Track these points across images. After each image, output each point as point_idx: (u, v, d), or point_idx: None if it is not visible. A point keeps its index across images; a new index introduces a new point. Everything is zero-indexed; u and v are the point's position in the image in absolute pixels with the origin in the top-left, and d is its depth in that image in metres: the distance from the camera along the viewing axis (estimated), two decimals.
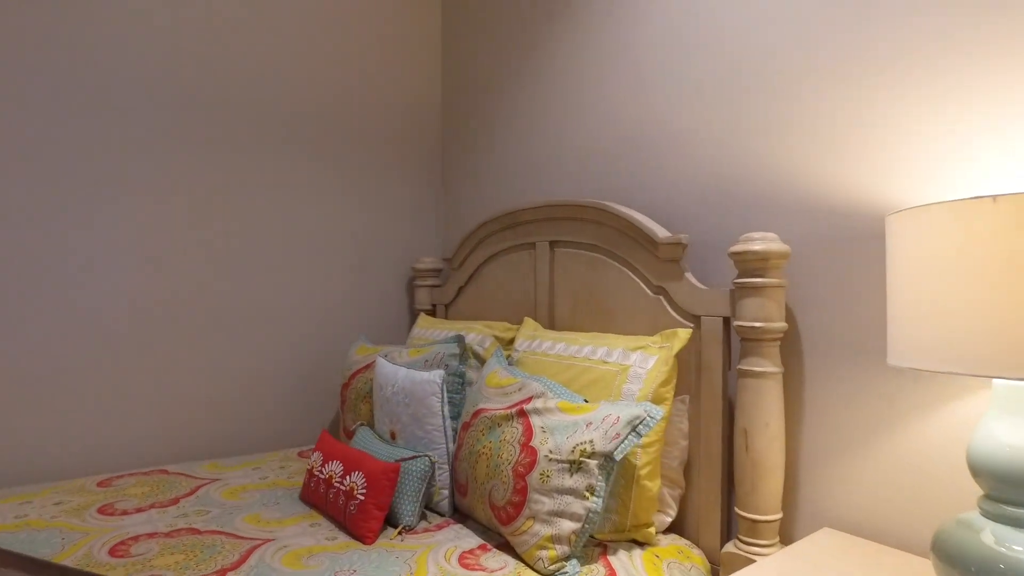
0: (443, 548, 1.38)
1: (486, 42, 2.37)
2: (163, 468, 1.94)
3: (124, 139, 2.01)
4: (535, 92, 2.14)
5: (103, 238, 1.98)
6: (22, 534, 1.48)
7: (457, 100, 2.54)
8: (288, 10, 2.29)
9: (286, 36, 2.29)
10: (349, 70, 2.42)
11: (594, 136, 1.93)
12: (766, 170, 1.49)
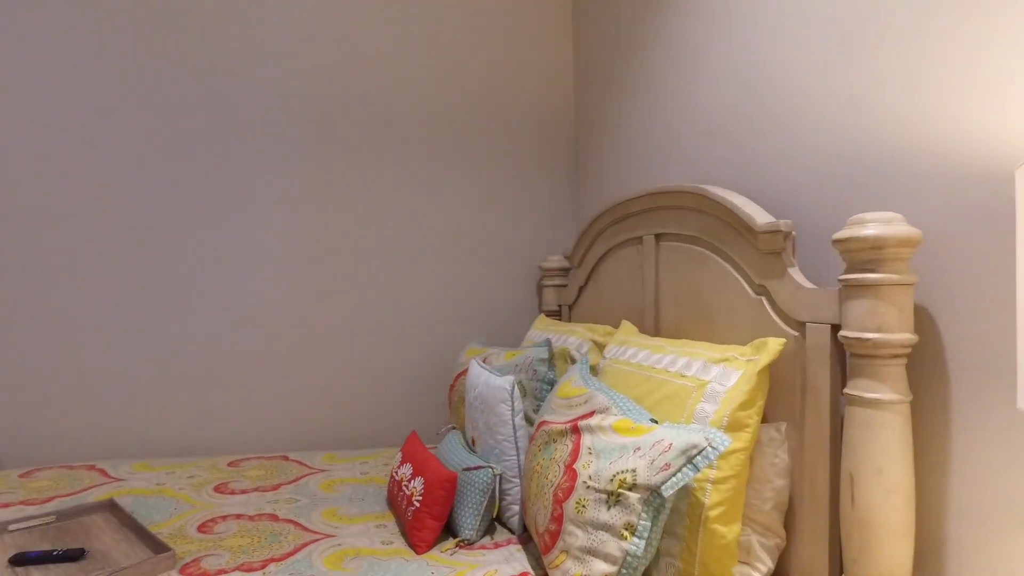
0: (486, 570, 1.25)
1: (617, 28, 2.17)
2: (285, 455, 2.07)
3: (268, 153, 2.19)
4: (664, 72, 1.90)
5: (246, 246, 2.18)
6: (152, 499, 1.66)
7: (590, 91, 2.37)
8: (417, 17, 2.32)
9: (416, 43, 2.32)
10: (479, 71, 2.39)
11: (717, 107, 1.64)
12: (909, 134, 1.12)
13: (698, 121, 1.72)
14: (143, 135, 2.11)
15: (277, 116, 2.21)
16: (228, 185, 2.17)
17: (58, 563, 1.30)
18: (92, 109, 2.07)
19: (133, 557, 1.32)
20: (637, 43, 2.02)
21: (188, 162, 2.14)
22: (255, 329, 2.20)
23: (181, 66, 2.14)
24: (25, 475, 1.87)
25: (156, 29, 2.12)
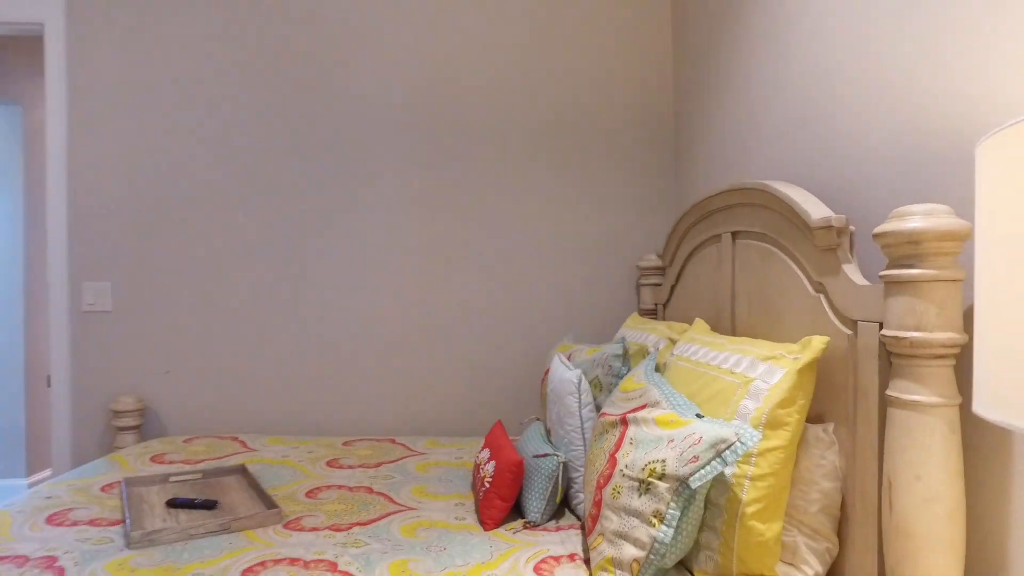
0: (538, 549, 1.34)
1: (715, 20, 2.14)
2: (393, 438, 2.28)
3: (386, 165, 2.44)
4: (754, 64, 1.85)
5: (367, 250, 2.43)
6: (275, 468, 1.93)
7: (688, 86, 2.35)
8: (522, 27, 2.45)
9: (520, 53, 2.45)
10: (581, 76, 2.47)
11: (801, 99, 1.59)
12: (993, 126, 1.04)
13: (785, 113, 1.67)
14: (284, 153, 2.44)
15: (394, 131, 2.44)
16: (352, 195, 2.44)
17: (197, 509, 1.57)
18: (243, 133, 2.43)
19: (250, 511, 1.56)
20: (732, 35, 1.99)
21: (319, 177, 2.44)
22: (373, 326, 2.45)
23: (313, 90, 2.44)
24: (187, 441, 2.24)
25: (290, 56, 2.43)
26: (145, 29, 2.49)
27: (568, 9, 2.46)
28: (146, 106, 2.49)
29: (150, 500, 1.65)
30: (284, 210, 2.47)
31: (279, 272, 2.46)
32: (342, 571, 1.22)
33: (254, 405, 2.46)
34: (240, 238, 2.47)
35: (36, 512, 1.54)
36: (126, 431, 2.41)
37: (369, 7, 2.46)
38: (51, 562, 1.25)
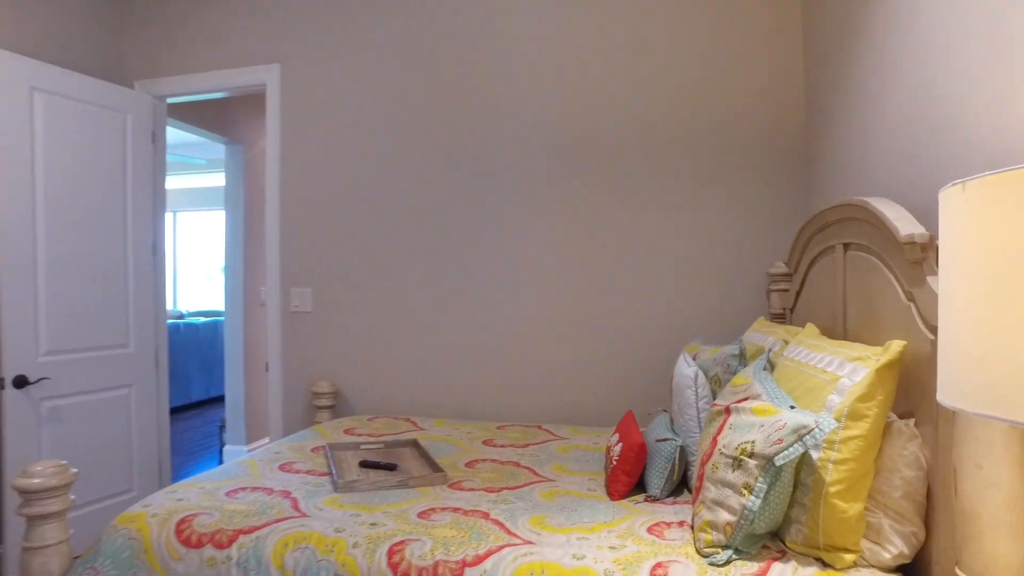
0: (654, 516, 1.58)
1: (848, 25, 2.22)
2: (540, 424, 2.61)
3: (535, 183, 2.78)
4: (885, 69, 1.93)
5: (520, 257, 2.79)
6: (440, 443, 2.33)
7: (821, 99, 2.44)
8: (654, 47, 2.67)
9: (654, 70, 2.67)
10: (713, 89, 2.63)
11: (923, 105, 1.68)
12: None
13: (907, 125, 1.75)
14: (450, 174, 2.87)
15: (542, 149, 2.78)
16: (509, 208, 2.81)
17: (382, 469, 1.99)
18: (416, 159, 2.89)
19: (422, 472, 1.95)
20: (867, 39, 2.07)
21: (481, 193, 2.84)
22: (525, 327, 2.80)
23: (474, 117, 2.84)
24: (370, 419, 2.73)
25: (453, 90, 2.86)
26: (335, 83, 3.04)
27: (699, 24, 2.64)
28: (337, 143, 3.04)
29: (347, 460, 2.11)
30: (451, 224, 2.89)
31: (446, 281, 2.90)
32: (493, 519, 1.56)
33: (424, 392, 2.92)
34: (414, 251, 2.93)
35: (271, 462, 2.05)
36: (323, 409, 2.96)
37: (517, 39, 2.81)
38: (287, 494, 1.72)
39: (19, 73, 2.75)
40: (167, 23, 3.34)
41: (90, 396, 3.02)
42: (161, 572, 1.50)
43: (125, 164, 3.18)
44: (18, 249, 2.74)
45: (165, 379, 3.41)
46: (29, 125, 2.79)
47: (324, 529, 1.49)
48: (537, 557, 1.34)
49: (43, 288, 2.83)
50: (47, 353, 2.84)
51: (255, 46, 3.19)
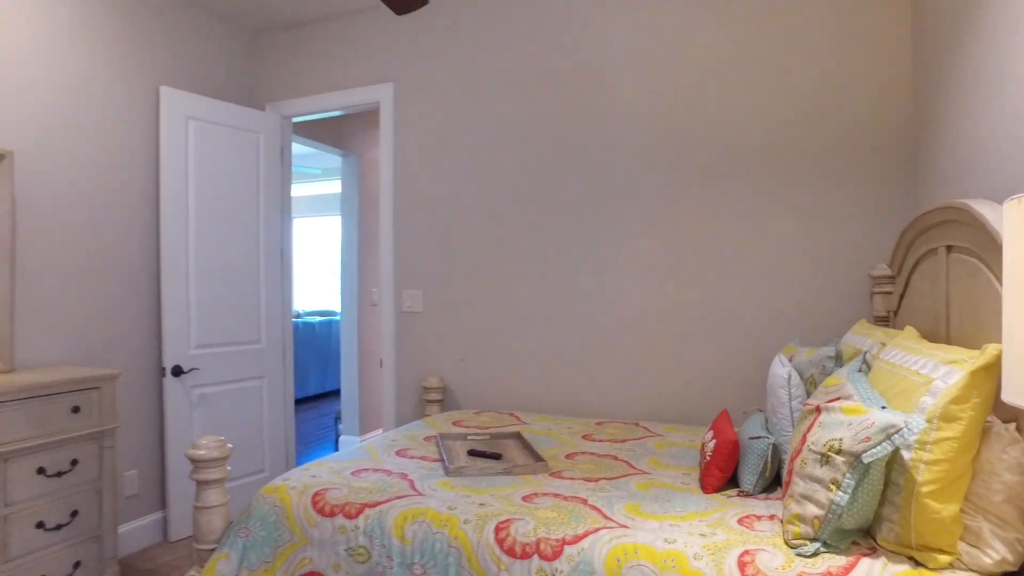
0: (745, 510, 1.65)
1: (961, 30, 2.16)
2: (638, 422, 2.70)
3: (640, 186, 2.87)
4: (992, 70, 1.88)
5: (621, 259, 2.89)
6: (542, 437, 2.48)
7: (929, 99, 2.38)
8: (754, 48, 2.69)
9: (755, 73, 2.70)
10: (815, 90, 2.63)
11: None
12: None
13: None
14: (551, 180, 3.02)
15: (647, 154, 2.86)
16: (612, 212, 2.92)
17: (488, 458, 2.16)
18: (520, 166, 3.06)
19: (525, 461, 2.10)
20: (974, 46, 2.03)
21: (583, 197, 2.97)
22: (624, 327, 2.89)
23: (580, 125, 2.97)
24: (476, 413, 2.91)
25: (559, 100, 3.00)
26: (442, 98, 3.26)
27: (805, 29, 2.64)
28: (445, 153, 3.26)
29: (456, 449, 2.29)
30: (554, 228, 3.04)
31: (548, 284, 3.04)
32: (591, 505, 1.68)
33: (527, 389, 3.08)
34: (519, 256, 3.10)
35: (389, 448, 2.27)
36: (432, 403, 3.18)
37: (617, 48, 2.91)
38: (404, 476, 1.92)
39: (178, 105, 3.16)
40: (292, 51, 3.69)
41: (230, 385, 3.40)
42: (300, 535, 1.74)
43: (258, 178, 3.55)
44: (174, 256, 3.14)
45: (291, 372, 3.77)
46: (184, 148, 3.20)
47: (438, 506, 1.67)
48: (631, 539, 1.45)
49: (193, 290, 3.22)
50: (197, 347, 3.24)
51: (369, 68, 3.47)
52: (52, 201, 2.75)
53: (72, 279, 2.82)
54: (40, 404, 2.26)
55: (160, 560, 2.95)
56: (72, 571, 2.35)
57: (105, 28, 2.96)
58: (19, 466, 2.20)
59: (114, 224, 3.00)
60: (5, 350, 2.50)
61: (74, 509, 2.37)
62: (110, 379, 2.51)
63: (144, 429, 3.13)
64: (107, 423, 2.49)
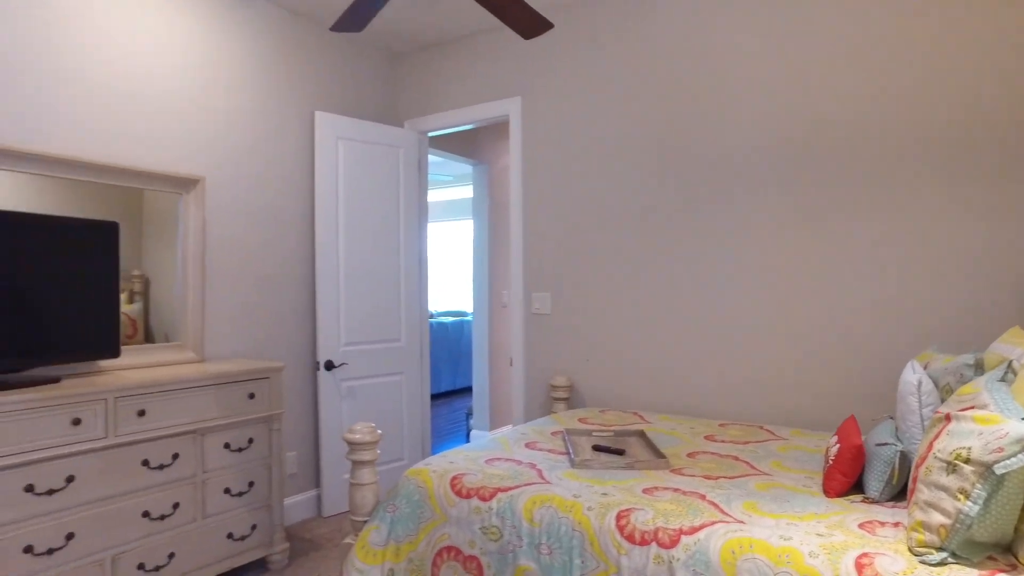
0: (869, 516, 1.65)
1: None
2: (762, 425, 2.69)
3: (758, 188, 2.87)
4: None
5: (745, 261, 2.90)
6: (664, 436, 2.56)
7: None
8: (883, 41, 2.60)
9: (886, 69, 2.61)
10: (955, 88, 2.49)
11: None
12: None
13: None
14: (673, 182, 3.08)
15: (779, 154, 2.86)
16: (737, 213, 2.94)
17: (611, 453, 2.28)
18: (644, 169, 3.14)
19: (647, 458, 2.20)
20: None
21: (707, 200, 3.00)
22: (749, 328, 2.90)
23: (703, 127, 3.02)
24: (601, 411, 3.03)
25: (679, 102, 3.05)
26: (568, 108, 3.41)
27: (933, 22, 2.52)
28: (571, 161, 3.40)
29: (581, 444, 2.43)
30: (679, 231, 3.10)
31: (673, 286, 3.10)
32: (709, 500, 1.75)
33: (651, 389, 3.15)
34: (644, 258, 3.19)
35: (518, 441, 2.45)
36: (559, 401, 3.33)
37: (736, 48, 2.92)
38: (533, 466, 2.08)
39: (330, 127, 3.55)
40: (428, 71, 3.99)
41: (374, 380, 3.75)
42: (440, 514, 1.95)
43: (398, 190, 3.88)
44: (327, 263, 3.52)
45: (427, 369, 4.07)
46: (335, 166, 3.57)
47: (564, 494, 1.81)
48: (746, 534, 1.52)
49: (343, 293, 3.59)
50: (346, 344, 3.60)
51: (498, 83, 3.69)
52: (229, 217, 3.19)
53: (244, 284, 3.26)
54: (225, 390, 2.65)
55: (316, 531, 3.32)
56: (250, 532, 2.73)
57: (269, 63, 3.38)
58: (211, 441, 2.60)
59: (277, 236, 3.42)
60: (198, 344, 2.96)
61: (251, 480, 2.75)
62: (277, 371, 2.88)
63: (301, 416, 3.53)
64: (275, 408, 2.86)
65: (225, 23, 3.16)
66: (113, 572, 2.28)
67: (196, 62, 3.04)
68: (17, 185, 2.42)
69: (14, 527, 2.04)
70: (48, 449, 2.11)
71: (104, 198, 2.68)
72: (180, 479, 2.49)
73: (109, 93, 2.72)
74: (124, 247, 2.73)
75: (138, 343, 2.79)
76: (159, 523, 2.42)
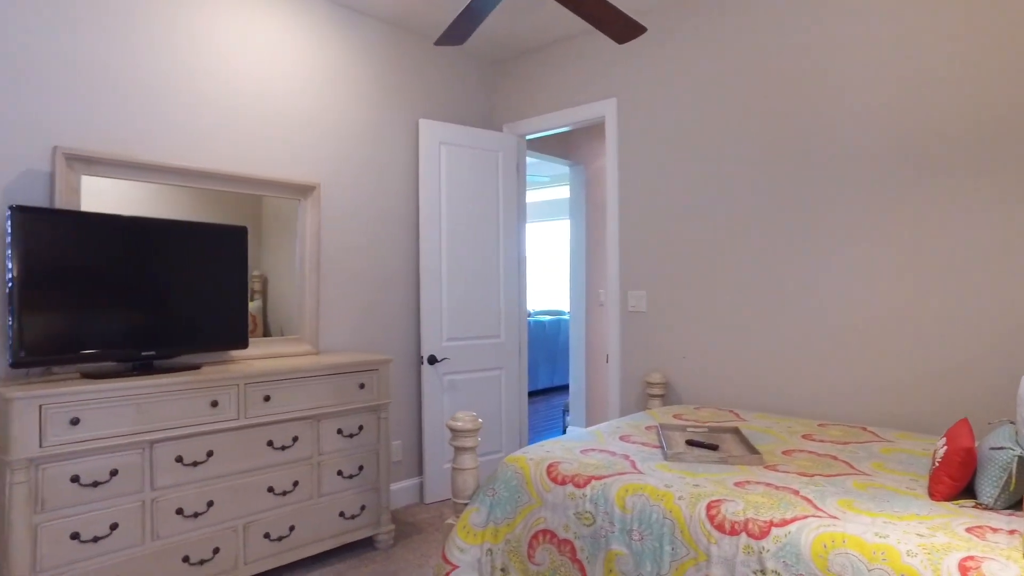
0: (979, 521, 1.59)
1: None
2: (865, 427, 2.61)
3: (870, 184, 2.78)
4: None
5: (848, 259, 2.82)
6: (760, 433, 2.54)
7: None
8: (1007, 25, 2.46)
9: (1009, 56, 2.46)
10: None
11: None
12: None
13: None
14: (773, 179, 3.03)
15: (866, 156, 2.76)
16: (831, 215, 2.86)
17: (704, 448, 2.30)
18: (740, 168, 3.12)
19: (740, 453, 2.20)
20: None
21: (803, 198, 2.94)
22: (850, 328, 2.81)
23: (805, 124, 2.96)
24: (696, 408, 3.04)
25: (779, 100, 3.00)
26: (663, 108, 3.42)
27: None
28: (666, 160, 3.42)
29: (675, 438, 2.46)
30: (775, 229, 3.05)
31: (771, 284, 3.06)
32: (803, 496, 1.75)
33: (747, 387, 3.12)
34: (740, 257, 3.16)
35: (613, 434, 2.51)
36: (654, 397, 3.36)
37: (841, 38, 2.83)
38: (626, 457, 2.14)
39: (432, 134, 3.74)
40: (524, 76, 4.11)
41: (474, 374, 3.91)
42: (537, 498, 2.05)
43: (497, 192, 4.02)
44: (430, 262, 3.71)
45: (525, 365, 4.19)
46: (437, 170, 3.76)
47: (656, 483, 1.87)
48: (839, 529, 1.52)
49: (445, 291, 3.77)
50: (447, 339, 3.79)
51: (594, 85, 3.75)
52: (341, 220, 3.45)
53: (354, 283, 3.50)
54: (338, 380, 2.88)
55: (419, 516, 3.52)
56: (359, 512, 2.95)
57: (378, 76, 3.62)
58: (325, 426, 2.83)
59: (384, 237, 3.65)
60: (314, 337, 3.22)
61: (360, 464, 2.96)
62: (385, 363, 3.08)
63: (406, 407, 3.74)
64: (382, 398, 3.07)
65: (340, 42, 3.42)
66: (245, 538, 2.54)
67: (314, 79, 3.31)
68: (155, 194, 2.75)
69: (169, 491, 2.34)
70: (192, 426, 2.39)
71: (228, 204, 2.98)
72: (299, 460, 2.74)
73: (237, 111, 3.02)
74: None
75: (257, 337, 3.08)
76: (281, 498, 2.67)
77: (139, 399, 2.26)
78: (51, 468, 2.08)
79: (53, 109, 2.46)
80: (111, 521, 2.20)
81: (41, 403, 2.05)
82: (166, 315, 2.56)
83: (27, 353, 2.20)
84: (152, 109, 2.73)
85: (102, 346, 2.38)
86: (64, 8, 2.49)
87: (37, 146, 2.43)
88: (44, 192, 2.44)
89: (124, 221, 2.47)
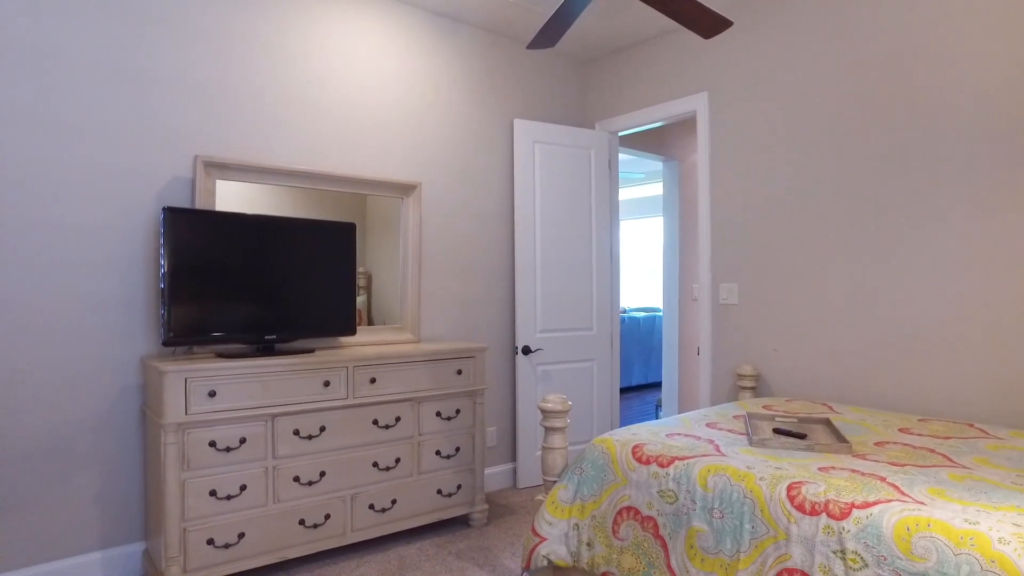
0: None
1: None
2: (971, 423, 2.50)
3: (963, 170, 2.66)
4: None
5: (941, 251, 2.70)
6: (853, 425, 2.50)
7: None
8: None
9: None
10: None
11: None
12: None
13: None
14: (864, 171, 2.96)
15: (964, 143, 2.64)
16: (929, 205, 2.76)
17: (792, 436, 2.30)
18: (831, 159, 3.06)
19: (828, 441, 2.19)
20: None
21: (894, 188, 2.85)
22: (957, 320, 2.70)
23: (891, 117, 2.87)
24: (788, 400, 3.01)
25: (868, 92, 2.92)
26: (754, 102, 3.39)
27: None
28: (758, 153, 3.39)
29: (762, 427, 2.47)
30: (870, 221, 2.97)
31: (866, 276, 2.98)
32: (889, 483, 1.74)
33: (842, 380, 3.05)
34: (834, 248, 3.10)
35: (700, 420, 2.56)
36: (745, 389, 3.34)
37: (959, 10, 2.72)
38: (711, 442, 2.19)
39: (528, 133, 3.89)
40: (615, 73, 4.17)
41: (567, 365, 4.02)
42: (622, 477, 2.14)
43: (590, 188, 4.11)
44: (525, 257, 3.86)
45: (617, 358, 4.26)
46: (532, 168, 3.90)
47: (738, 465, 1.91)
48: (925, 513, 1.51)
49: (539, 284, 3.91)
50: (541, 331, 3.92)
51: (684, 80, 3.76)
52: (440, 217, 3.65)
53: (453, 276, 3.70)
54: (437, 366, 3.08)
55: (511, 500, 3.67)
56: (456, 491, 3.14)
57: (475, 80, 3.80)
58: (425, 408, 3.04)
59: (481, 233, 3.83)
60: (415, 326, 3.45)
61: (457, 446, 3.15)
62: (481, 351, 3.26)
63: (501, 395, 3.91)
64: (478, 385, 3.24)
65: (440, 48, 3.63)
66: (352, 507, 2.79)
67: (416, 85, 3.53)
68: (268, 195, 3.04)
69: (287, 459, 2.61)
70: (307, 403, 2.65)
71: (335, 204, 3.25)
72: (401, 438, 2.95)
73: (347, 117, 3.28)
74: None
75: (363, 327, 3.33)
76: (384, 473, 2.89)
77: (264, 377, 2.54)
78: (194, 432, 2.39)
79: (193, 122, 2.81)
80: (241, 483, 2.49)
81: (186, 376, 2.36)
82: (285, 303, 2.85)
83: (175, 334, 2.53)
84: (273, 118, 3.04)
85: (232, 330, 2.69)
86: (196, 36, 2.83)
87: (181, 155, 2.77)
88: (186, 196, 2.79)
89: (250, 219, 2.77)
